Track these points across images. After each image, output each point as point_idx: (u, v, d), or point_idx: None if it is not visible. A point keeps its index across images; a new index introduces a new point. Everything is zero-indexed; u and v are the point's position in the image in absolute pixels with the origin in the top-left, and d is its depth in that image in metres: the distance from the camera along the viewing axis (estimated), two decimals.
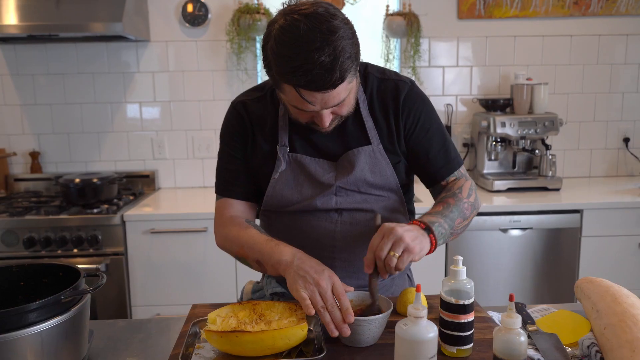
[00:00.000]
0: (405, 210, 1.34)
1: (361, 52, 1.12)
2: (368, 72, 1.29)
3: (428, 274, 2.47)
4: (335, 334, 1.00)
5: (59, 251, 2.39)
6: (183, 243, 2.44)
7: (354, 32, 1.08)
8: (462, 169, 1.35)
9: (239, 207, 1.31)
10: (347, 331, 1.01)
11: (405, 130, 1.27)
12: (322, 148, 1.26)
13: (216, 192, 1.35)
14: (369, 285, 1.10)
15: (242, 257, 1.23)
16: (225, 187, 1.33)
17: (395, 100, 1.26)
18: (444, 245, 2.49)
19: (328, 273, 1.07)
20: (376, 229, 1.12)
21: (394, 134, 1.27)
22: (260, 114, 1.29)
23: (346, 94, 1.10)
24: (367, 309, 1.11)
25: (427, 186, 1.37)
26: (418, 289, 0.90)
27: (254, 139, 1.29)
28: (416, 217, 1.30)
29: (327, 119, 1.13)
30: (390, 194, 1.29)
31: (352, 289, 1.12)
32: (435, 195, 1.37)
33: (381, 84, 1.28)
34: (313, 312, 1.02)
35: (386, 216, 1.28)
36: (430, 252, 1.13)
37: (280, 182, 1.26)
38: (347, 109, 1.17)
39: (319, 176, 1.25)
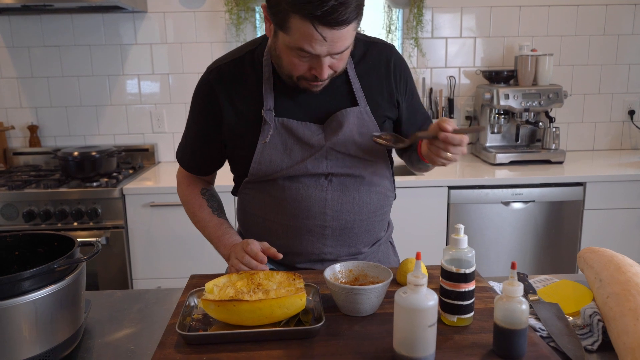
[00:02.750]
0: (390, 176, 1.37)
1: (362, 22, 1.13)
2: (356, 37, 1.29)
3: (429, 244, 2.47)
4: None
5: (59, 224, 2.38)
6: (183, 216, 2.38)
7: None
8: None
9: (198, 179, 1.44)
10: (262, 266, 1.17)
11: (400, 96, 1.31)
12: (308, 111, 1.24)
13: (178, 157, 1.43)
14: (421, 134, 1.15)
15: (197, 228, 1.40)
16: (188, 162, 1.41)
17: (386, 63, 1.29)
18: (445, 218, 2.48)
19: (241, 245, 1.21)
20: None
21: (384, 96, 1.28)
22: (239, 76, 1.25)
23: (350, 41, 1.09)
24: (365, 279, 1.11)
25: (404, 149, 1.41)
26: (418, 257, 0.88)
27: (232, 106, 1.25)
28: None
29: (327, 68, 1.11)
30: (377, 159, 1.30)
31: (280, 255, 1.20)
32: (399, 153, 1.44)
33: (368, 48, 1.29)
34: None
35: (374, 181, 1.29)
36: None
37: (269, 147, 1.23)
38: (343, 64, 1.16)
39: (308, 138, 1.23)
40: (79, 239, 1.01)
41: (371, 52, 1.29)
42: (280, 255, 1.19)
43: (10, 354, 0.85)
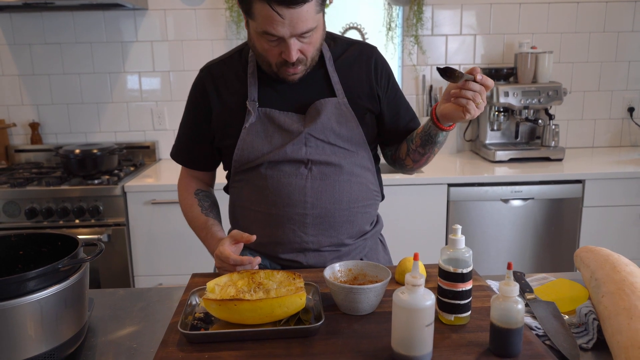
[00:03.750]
0: (374, 169, 1.40)
1: (362, 20, 1.14)
2: (336, 37, 1.39)
3: (428, 241, 2.49)
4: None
5: (61, 222, 2.40)
6: None
7: None
8: None
9: (195, 174, 1.47)
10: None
11: (380, 90, 1.36)
12: (290, 102, 1.31)
13: (175, 155, 1.47)
14: (462, 75, 1.13)
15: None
16: (179, 154, 1.46)
17: (367, 60, 1.35)
18: (445, 215, 2.49)
19: (216, 254, 1.21)
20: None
21: (364, 90, 1.33)
22: (227, 73, 1.34)
23: (314, 24, 1.15)
24: (364, 278, 1.12)
25: (390, 144, 1.44)
26: (416, 258, 0.90)
27: (220, 99, 1.33)
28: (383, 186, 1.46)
29: (295, 51, 1.17)
30: (358, 150, 1.34)
31: (253, 237, 1.18)
32: (389, 155, 1.48)
33: (349, 47, 1.37)
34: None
35: (355, 171, 1.32)
36: (451, 128, 1.28)
37: (251, 134, 1.30)
38: (313, 48, 1.22)
39: (288, 126, 1.29)
40: (81, 237, 1.02)
41: (351, 50, 1.36)
42: (254, 237, 1.18)
43: (16, 352, 0.87)
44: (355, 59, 1.35)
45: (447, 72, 1.12)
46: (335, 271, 1.12)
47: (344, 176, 1.31)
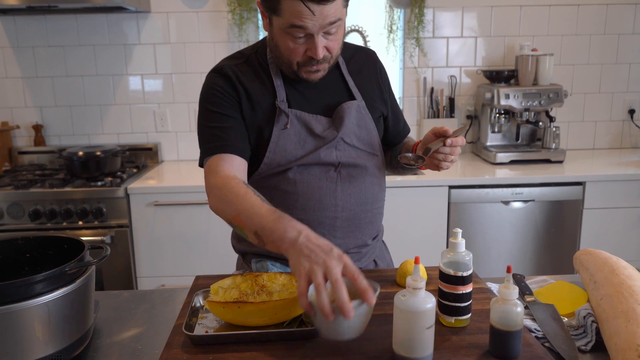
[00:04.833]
0: (384, 170, 1.43)
1: (363, 23, 1.16)
2: (344, 42, 1.39)
3: (430, 242, 2.51)
4: (331, 317, 0.84)
5: (65, 223, 2.41)
6: (186, 215, 2.46)
7: None
8: None
9: (234, 164, 1.21)
10: (351, 314, 0.83)
11: (386, 93, 1.41)
12: (315, 104, 1.30)
13: (205, 155, 1.24)
14: (428, 147, 1.23)
15: (238, 225, 1.08)
16: (218, 143, 1.22)
17: (373, 66, 1.40)
18: (446, 217, 2.50)
19: (337, 253, 0.91)
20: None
21: (376, 93, 1.38)
22: (249, 74, 1.28)
23: (340, 16, 1.15)
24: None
25: (388, 145, 1.49)
26: (416, 261, 0.91)
27: (249, 98, 1.26)
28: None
29: (321, 48, 1.16)
30: (376, 151, 1.37)
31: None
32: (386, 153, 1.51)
33: (356, 52, 1.40)
34: (306, 297, 0.87)
35: (376, 173, 1.36)
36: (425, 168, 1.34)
37: (283, 137, 1.26)
38: (337, 45, 1.22)
39: (320, 130, 1.28)
40: (85, 239, 1.04)
41: (359, 55, 1.40)
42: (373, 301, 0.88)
43: (24, 354, 0.88)
44: (363, 63, 1.39)
45: (403, 162, 1.26)
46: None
47: (369, 178, 1.33)
